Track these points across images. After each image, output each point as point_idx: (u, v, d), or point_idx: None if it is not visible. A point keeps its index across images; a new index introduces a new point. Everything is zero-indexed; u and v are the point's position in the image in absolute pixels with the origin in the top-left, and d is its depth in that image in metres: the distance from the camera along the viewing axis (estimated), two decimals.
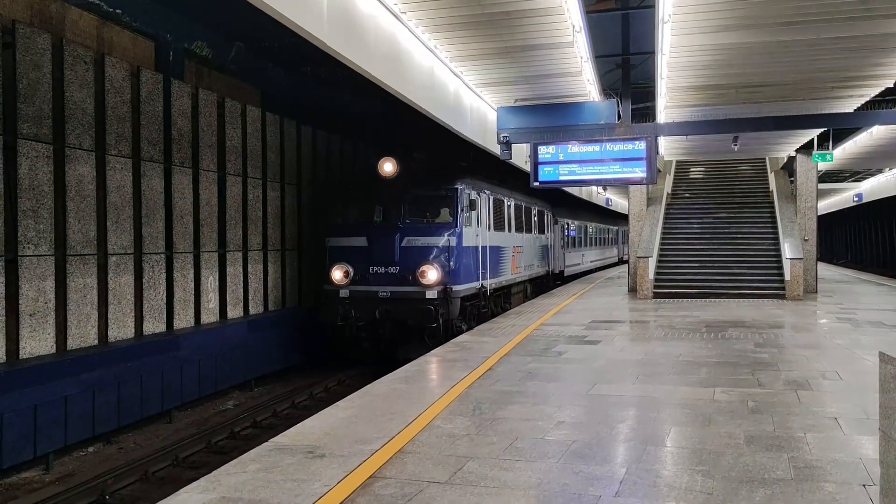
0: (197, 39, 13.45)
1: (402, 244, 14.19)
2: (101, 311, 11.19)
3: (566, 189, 27.55)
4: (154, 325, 12.24)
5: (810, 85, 14.64)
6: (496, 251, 17.15)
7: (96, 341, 10.99)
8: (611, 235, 43.77)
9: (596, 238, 37.26)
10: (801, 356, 10.04)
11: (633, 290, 21.05)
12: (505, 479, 5.07)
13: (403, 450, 5.80)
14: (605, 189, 37.40)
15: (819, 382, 8.27)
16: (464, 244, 14.53)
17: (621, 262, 44.83)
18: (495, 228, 17.15)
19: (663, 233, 22.46)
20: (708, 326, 13.25)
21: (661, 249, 21.64)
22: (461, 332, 13.18)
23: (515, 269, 19.32)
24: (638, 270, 20.16)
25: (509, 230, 18.72)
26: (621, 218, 46.29)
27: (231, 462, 5.59)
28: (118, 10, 11.55)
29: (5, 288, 9.54)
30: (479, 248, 15.61)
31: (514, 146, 14.52)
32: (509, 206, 18.88)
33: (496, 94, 15.23)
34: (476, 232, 15.39)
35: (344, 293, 14.31)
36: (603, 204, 40.25)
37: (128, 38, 11.91)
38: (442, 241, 14.28)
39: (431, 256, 14.08)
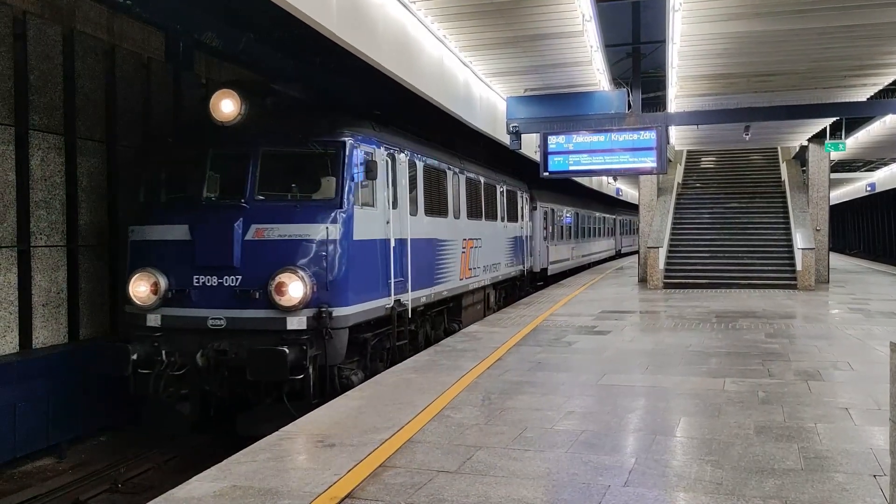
0: (207, 30, 13.45)
1: (248, 236, 8.41)
2: None
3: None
4: None
5: (822, 73, 14.52)
6: (428, 247, 11.58)
7: None
8: (607, 225, 38.28)
9: (589, 228, 31.95)
10: (812, 346, 10.00)
11: (643, 281, 20.99)
12: (514, 469, 5.09)
13: (413, 439, 5.82)
14: (615, 179, 37.17)
15: (830, 373, 8.24)
16: (357, 236, 8.85)
17: (619, 255, 41.12)
18: (429, 212, 11.61)
19: (674, 223, 22.37)
20: (718, 317, 13.21)
21: (671, 239, 21.57)
22: (350, 386, 8.30)
23: (468, 272, 13.89)
24: (648, 260, 20.10)
25: (456, 215, 13.25)
26: (620, 205, 44.27)
27: (241, 451, 5.63)
28: (129, 1, 11.56)
29: None
30: (392, 243, 9.83)
31: (523, 136, 14.48)
32: (457, 181, 13.41)
33: (506, 83, 15.17)
34: (385, 216, 9.71)
35: (153, 320, 8.63)
36: (613, 194, 39.91)
37: (138, 29, 11.94)
38: (316, 231, 8.50)
39: (297, 258, 8.38)
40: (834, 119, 20.09)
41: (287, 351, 7.80)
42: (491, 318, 13.63)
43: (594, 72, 13.94)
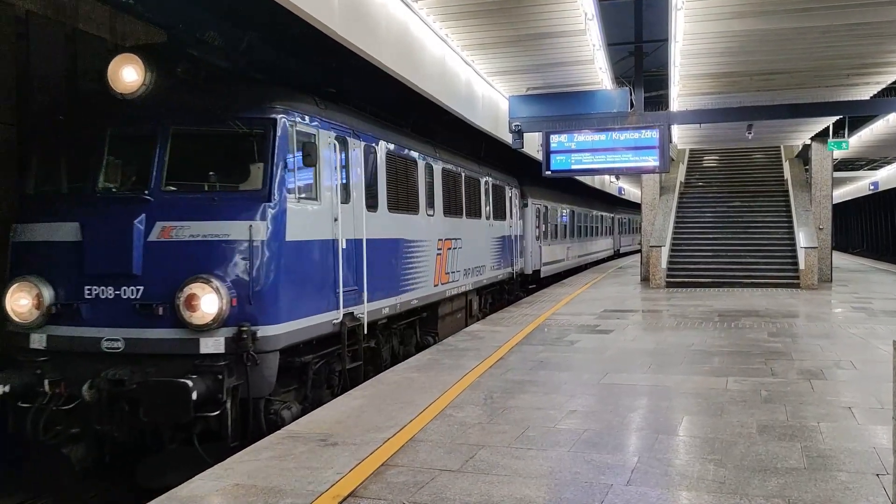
0: (209, 30, 13.44)
1: (152, 237, 6.83)
2: None
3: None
4: None
5: (825, 72, 14.49)
6: (393, 249, 10.03)
7: None
8: (605, 224, 36.42)
9: (586, 227, 30.29)
10: (815, 345, 9.98)
11: (645, 280, 20.98)
12: (516, 468, 5.09)
13: (415, 438, 5.82)
14: (617, 178, 37.11)
15: (833, 372, 8.23)
16: (291, 236, 7.24)
17: (617, 255, 39.76)
18: (393, 208, 10.03)
19: (676, 222, 22.35)
20: (721, 316, 13.19)
21: (673, 238, 21.55)
22: (280, 423, 6.77)
23: (445, 277, 12.43)
24: (650, 260, 20.09)
25: (430, 212, 11.69)
26: (619, 203, 43.07)
27: (244, 450, 5.65)
28: (131, 0, 11.55)
29: None
30: (342, 245, 8.23)
31: (525, 135, 14.47)
32: (431, 172, 11.88)
33: (508, 82, 15.16)
34: (331, 212, 8.09)
35: (37, 341, 7.03)
36: (615, 193, 39.82)
37: (140, 29, 11.95)
38: (237, 230, 6.89)
39: (212, 263, 6.81)
40: (837, 118, 20.06)
41: (189, 384, 6.18)
42: (493, 317, 13.62)
43: (596, 70, 13.93)
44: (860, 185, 46.81)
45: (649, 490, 4.64)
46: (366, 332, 8.84)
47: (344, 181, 8.49)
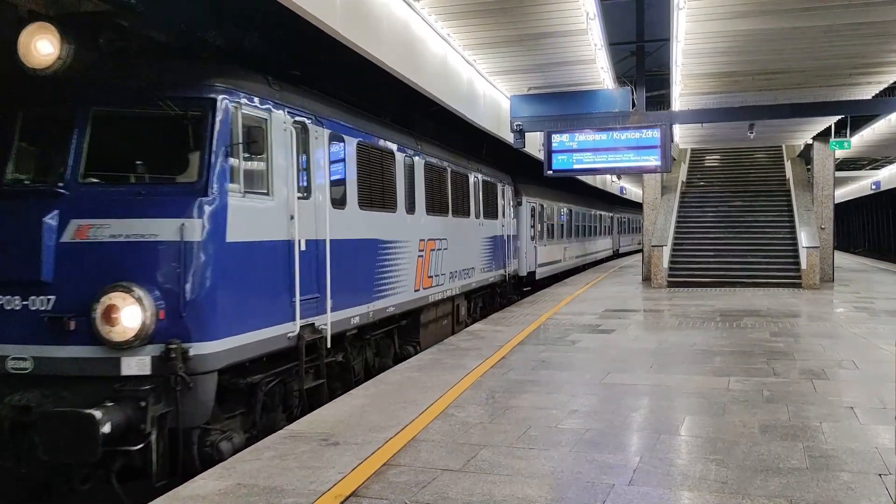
0: (211, 29, 13.42)
1: (65, 237, 5.86)
2: None
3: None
4: None
5: (827, 71, 14.47)
6: (365, 251, 8.96)
7: None
8: (604, 223, 35.17)
9: (584, 226, 29.05)
10: (817, 345, 9.97)
11: (647, 280, 20.97)
12: (518, 468, 5.08)
13: (417, 438, 5.82)
14: (619, 177, 37.09)
15: (835, 372, 8.22)
16: (233, 236, 6.25)
17: (617, 255, 38.63)
18: (366, 204, 8.95)
19: (678, 221, 22.33)
20: (723, 315, 13.18)
21: (675, 238, 21.54)
22: (218, 459, 5.80)
23: (428, 281, 11.41)
24: (652, 259, 20.08)
25: (410, 209, 10.65)
26: (618, 201, 41.97)
27: (246, 449, 5.65)
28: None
29: None
30: (300, 246, 7.18)
31: (527, 135, 14.46)
32: (412, 167, 10.86)
33: (509, 82, 15.15)
34: (287, 209, 7.06)
35: None
36: (616, 192, 39.79)
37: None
38: (166, 228, 5.91)
39: (136, 269, 5.84)
40: (839, 117, 20.04)
41: (98, 415, 5.21)
42: (494, 317, 13.61)
43: (598, 70, 13.92)
44: (862, 184, 46.79)
45: (651, 490, 4.63)
46: (329, 345, 7.68)
47: (303, 173, 7.38)
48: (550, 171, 14.10)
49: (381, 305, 9.41)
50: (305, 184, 7.44)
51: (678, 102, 16.81)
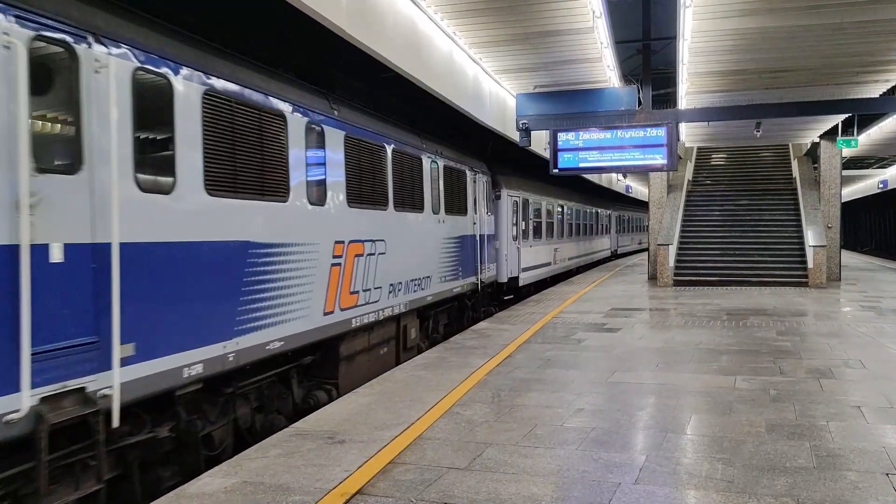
0: None
1: None
2: None
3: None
4: None
5: (835, 70, 14.42)
6: (216, 260, 6.20)
7: None
8: (602, 222, 32.34)
9: (577, 224, 26.41)
10: (823, 344, 9.94)
11: (652, 278, 20.94)
12: (524, 466, 5.08)
13: (423, 436, 5.82)
14: (625, 176, 37.04)
15: (842, 371, 8.19)
16: None
17: (615, 255, 36.34)
18: (225, 189, 6.35)
19: (684, 220, 22.30)
20: (729, 314, 13.15)
21: (681, 237, 21.50)
22: None
23: (350, 299, 8.64)
24: (658, 258, 20.04)
25: (319, 200, 7.93)
26: (618, 199, 39.89)
27: (252, 447, 5.65)
28: None
29: None
30: (56, 256, 4.54)
31: (533, 133, 14.45)
32: (317, 138, 7.97)
33: (515, 80, 15.14)
34: (9, 190, 4.24)
35: None
36: (623, 191, 39.68)
37: None
38: None
39: None
40: (846, 116, 19.97)
41: None
42: (500, 316, 13.60)
43: (604, 68, 13.90)
44: (869, 183, 46.63)
45: (657, 489, 4.62)
46: (117, 422, 4.89)
47: (59, 130, 4.77)
48: (556, 170, 14.10)
49: (257, 341, 6.64)
50: (68, 148, 4.74)
51: (684, 101, 16.78)
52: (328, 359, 8.45)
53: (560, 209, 23.26)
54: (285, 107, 7.32)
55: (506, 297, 17.12)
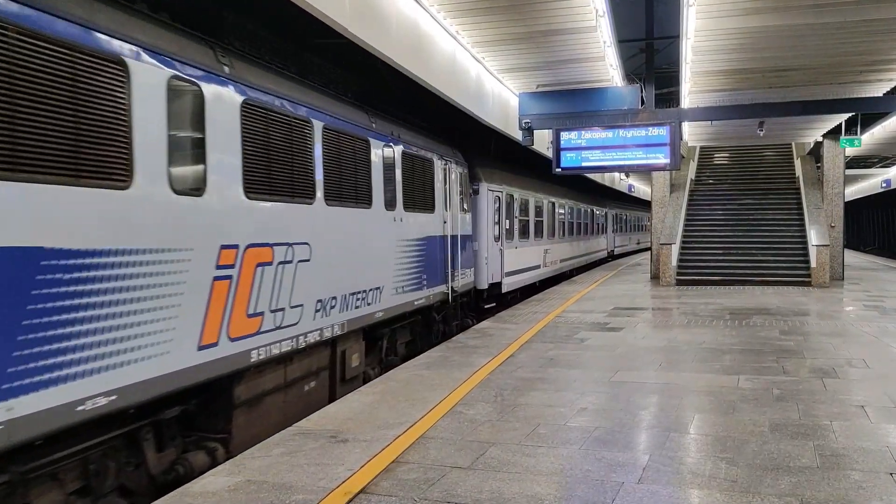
0: None
1: None
2: None
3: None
4: None
5: (838, 69, 14.39)
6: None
7: None
8: (597, 221, 30.45)
9: (570, 223, 24.50)
10: (827, 344, 9.93)
11: (655, 278, 20.92)
12: (527, 465, 5.08)
13: (426, 435, 5.82)
14: (627, 175, 36.99)
15: (845, 370, 8.18)
16: None
17: (611, 256, 34.49)
18: (22, 170, 4.16)
19: (686, 219, 22.29)
20: (732, 314, 13.13)
21: (684, 236, 21.49)
22: None
23: (248, 325, 6.48)
24: (661, 257, 20.03)
25: (192, 189, 5.82)
26: (615, 198, 38.32)
27: (256, 446, 5.66)
28: None
29: None
30: None
31: (535, 132, 14.44)
32: (195, 102, 5.91)
33: (518, 79, 15.12)
34: None
35: None
36: (625, 190, 39.64)
37: None
38: None
39: None
40: (849, 115, 19.93)
41: None
42: (502, 315, 13.59)
43: (607, 67, 13.88)
44: (872, 182, 46.54)
45: (661, 488, 4.62)
46: None
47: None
48: (559, 169, 14.08)
49: (56, 401, 4.44)
50: None
51: (687, 100, 16.76)
52: (216, 407, 6.36)
53: (551, 206, 21.43)
54: (123, 47, 5.07)
55: (487, 306, 15.23)
